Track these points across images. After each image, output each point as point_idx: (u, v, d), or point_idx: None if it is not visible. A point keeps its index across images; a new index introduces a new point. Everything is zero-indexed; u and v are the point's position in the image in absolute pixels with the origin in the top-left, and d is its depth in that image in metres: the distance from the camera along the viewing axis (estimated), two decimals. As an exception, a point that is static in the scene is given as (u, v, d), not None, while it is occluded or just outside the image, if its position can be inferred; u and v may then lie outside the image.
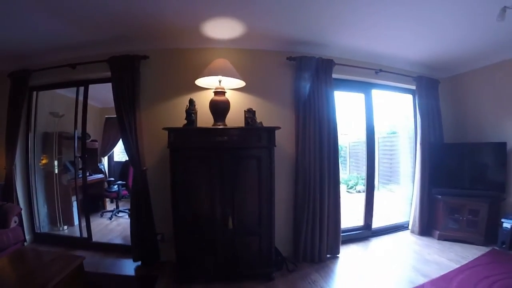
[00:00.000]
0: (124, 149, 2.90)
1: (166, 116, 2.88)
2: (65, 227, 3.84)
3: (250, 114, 2.64)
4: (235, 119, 2.78)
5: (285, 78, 3.05)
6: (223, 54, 2.86)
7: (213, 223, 2.46)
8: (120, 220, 4.46)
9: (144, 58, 2.85)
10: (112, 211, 4.62)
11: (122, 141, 2.89)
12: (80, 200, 3.85)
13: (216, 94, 2.62)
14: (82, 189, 3.61)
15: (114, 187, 4.72)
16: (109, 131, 5.63)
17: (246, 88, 2.84)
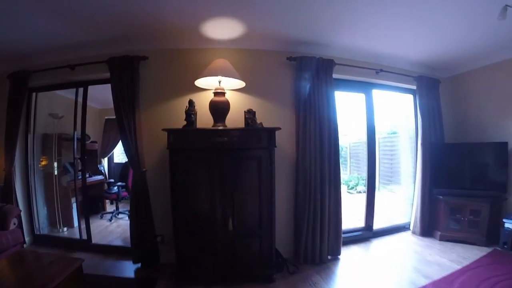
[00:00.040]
0: (123, 150, 2.89)
1: (165, 117, 2.87)
2: (64, 229, 3.84)
3: (250, 114, 2.62)
4: (235, 120, 2.77)
5: (285, 78, 3.04)
6: (223, 55, 2.85)
7: (213, 225, 2.44)
8: (120, 221, 4.45)
9: (143, 59, 2.84)
10: (112, 213, 4.62)
11: (121, 142, 2.88)
12: (79, 201, 3.84)
13: (215, 94, 2.61)
14: (81, 190, 3.60)
15: (114, 189, 4.71)
16: (109, 132, 5.63)
17: (246, 88, 2.83)
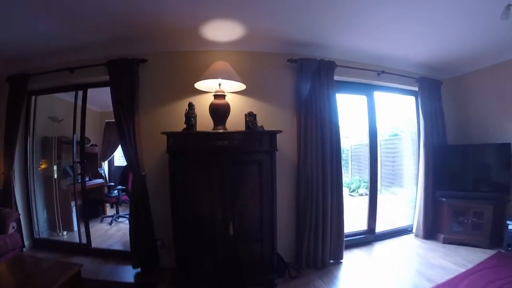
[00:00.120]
0: (123, 154, 2.86)
1: (165, 120, 2.85)
2: (64, 233, 3.81)
3: (250, 117, 2.60)
4: (236, 123, 2.74)
5: (286, 81, 3.02)
6: (223, 57, 2.84)
7: (213, 228, 2.41)
8: (120, 225, 4.41)
9: (143, 61, 2.82)
10: (112, 216, 4.58)
11: (121, 146, 2.85)
12: (79, 205, 3.82)
13: (216, 97, 2.59)
14: (81, 194, 3.58)
15: (114, 192, 4.69)
16: (109, 136, 5.61)
17: (247, 91, 2.81)
